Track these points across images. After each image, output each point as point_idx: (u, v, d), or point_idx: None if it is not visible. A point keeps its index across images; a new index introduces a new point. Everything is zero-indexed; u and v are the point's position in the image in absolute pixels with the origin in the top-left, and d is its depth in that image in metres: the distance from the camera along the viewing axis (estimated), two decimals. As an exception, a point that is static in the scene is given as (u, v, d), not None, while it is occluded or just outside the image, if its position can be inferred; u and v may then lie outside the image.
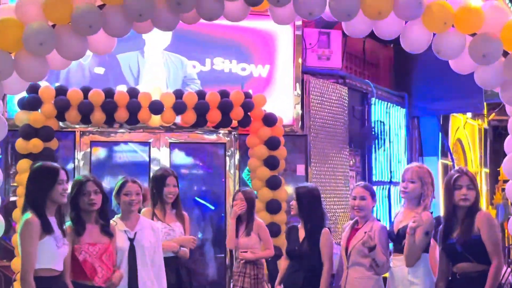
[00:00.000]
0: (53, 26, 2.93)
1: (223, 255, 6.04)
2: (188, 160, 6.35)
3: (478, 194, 3.23)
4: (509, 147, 3.33)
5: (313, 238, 3.68)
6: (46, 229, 2.84)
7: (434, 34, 3.13)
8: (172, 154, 6.04)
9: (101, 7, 2.94)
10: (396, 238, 3.34)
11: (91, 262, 3.07)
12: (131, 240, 3.32)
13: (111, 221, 3.30)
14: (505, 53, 3.03)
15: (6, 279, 4.74)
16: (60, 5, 2.88)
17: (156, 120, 5.55)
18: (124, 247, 3.28)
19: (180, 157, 6.27)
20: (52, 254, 2.87)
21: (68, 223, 3.17)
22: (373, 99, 7.35)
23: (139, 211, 3.56)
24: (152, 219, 3.64)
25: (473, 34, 3.06)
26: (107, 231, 3.18)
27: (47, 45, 2.87)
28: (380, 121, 7.53)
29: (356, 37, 3.33)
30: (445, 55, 3.18)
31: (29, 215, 2.85)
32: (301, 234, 3.78)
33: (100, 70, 5.90)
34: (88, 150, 5.83)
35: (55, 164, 3.08)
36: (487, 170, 11.21)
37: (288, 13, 3.14)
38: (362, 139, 7.16)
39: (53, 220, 2.93)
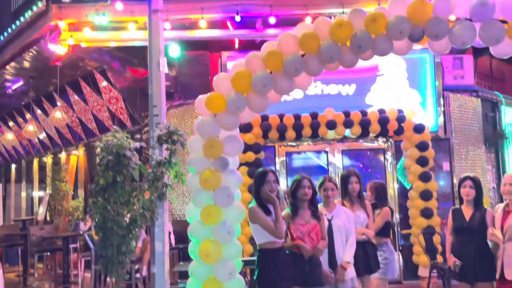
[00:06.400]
0: (271, 73, 3.89)
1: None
2: (355, 163, 8.22)
3: None
4: None
5: (481, 216, 4.40)
6: (265, 212, 3.87)
7: None
8: (343, 159, 8.10)
9: (302, 55, 3.83)
10: None
11: (301, 237, 4.00)
12: (329, 221, 4.28)
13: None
14: None
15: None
16: (275, 57, 3.82)
17: (331, 134, 7.52)
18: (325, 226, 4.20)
19: (349, 161, 8.22)
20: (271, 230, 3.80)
21: (286, 209, 4.16)
22: (502, 107, 8.88)
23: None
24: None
25: None
26: (316, 215, 4.10)
27: (268, 86, 3.84)
28: (509, 124, 8.96)
29: (503, 57, 4.01)
30: None
31: (252, 204, 3.97)
32: (466, 214, 4.50)
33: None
34: (284, 157, 8.13)
35: (267, 169, 4.13)
36: None
37: (444, 44, 3.75)
38: (495, 139, 8.67)
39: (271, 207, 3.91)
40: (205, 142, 4.07)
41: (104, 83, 9.28)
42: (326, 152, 8.21)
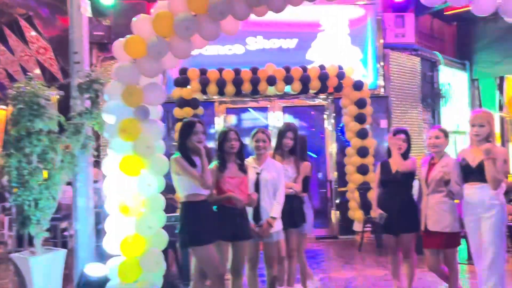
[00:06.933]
0: (195, 15, 3.60)
1: (324, 190, 8.12)
2: (299, 122, 8.30)
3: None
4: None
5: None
6: (190, 164, 3.66)
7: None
8: (284, 117, 8.03)
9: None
10: (477, 170, 3.80)
11: (232, 190, 3.87)
12: (258, 174, 4.15)
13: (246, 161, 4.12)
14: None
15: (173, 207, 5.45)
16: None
17: (271, 90, 7.41)
18: (252, 179, 4.12)
19: (290, 118, 8.14)
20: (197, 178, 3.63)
21: (214, 163, 3.95)
22: (441, 66, 8.98)
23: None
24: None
25: None
26: (242, 168, 3.98)
27: (191, 30, 3.58)
28: (447, 84, 9.12)
29: (433, 5, 3.91)
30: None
31: (176, 155, 3.72)
32: (393, 167, 4.43)
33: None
34: (224, 115, 8.06)
35: (194, 119, 3.88)
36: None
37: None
38: (432, 98, 8.77)
39: (196, 159, 3.71)
40: (124, 89, 3.78)
41: (33, 33, 8.60)
42: (267, 109, 8.10)
